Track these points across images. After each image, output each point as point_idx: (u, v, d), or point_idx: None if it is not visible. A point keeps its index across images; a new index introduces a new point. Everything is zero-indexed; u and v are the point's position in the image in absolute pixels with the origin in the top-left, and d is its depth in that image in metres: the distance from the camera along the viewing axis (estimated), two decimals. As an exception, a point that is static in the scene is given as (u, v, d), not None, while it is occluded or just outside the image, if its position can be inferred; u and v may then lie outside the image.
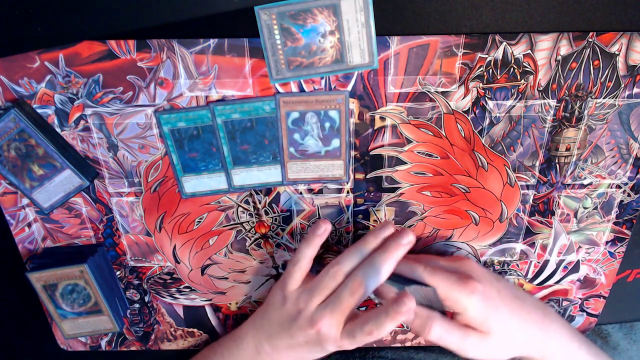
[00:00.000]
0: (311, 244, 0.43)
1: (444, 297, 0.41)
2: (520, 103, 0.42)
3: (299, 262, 0.43)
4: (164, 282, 0.52)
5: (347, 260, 0.42)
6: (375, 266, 0.40)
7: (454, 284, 0.41)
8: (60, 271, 0.47)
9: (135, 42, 0.39)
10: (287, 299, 0.43)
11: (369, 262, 0.41)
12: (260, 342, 0.45)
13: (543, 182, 0.46)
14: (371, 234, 0.42)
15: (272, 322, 0.44)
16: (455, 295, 0.41)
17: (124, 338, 0.56)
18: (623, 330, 0.58)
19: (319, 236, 0.43)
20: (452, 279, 0.42)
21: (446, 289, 0.41)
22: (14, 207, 0.47)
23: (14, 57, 0.39)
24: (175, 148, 0.43)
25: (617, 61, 0.40)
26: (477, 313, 0.42)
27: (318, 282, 0.42)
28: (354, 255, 0.42)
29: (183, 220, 0.48)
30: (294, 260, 0.44)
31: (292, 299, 0.43)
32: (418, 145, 0.44)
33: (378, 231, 0.42)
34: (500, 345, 0.43)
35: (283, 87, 0.41)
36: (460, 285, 0.41)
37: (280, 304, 0.44)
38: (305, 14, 0.37)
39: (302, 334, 0.42)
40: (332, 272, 0.41)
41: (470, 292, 0.41)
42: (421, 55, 0.40)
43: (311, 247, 0.43)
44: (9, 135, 0.41)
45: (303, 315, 0.42)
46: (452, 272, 0.43)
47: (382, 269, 0.40)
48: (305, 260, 0.43)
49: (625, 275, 0.53)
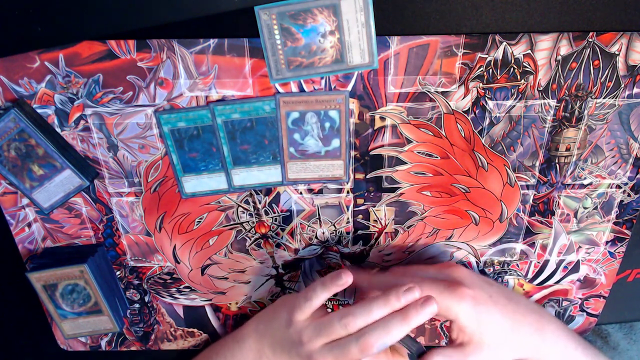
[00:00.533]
0: (327, 289, 0.42)
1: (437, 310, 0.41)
2: (520, 103, 0.42)
3: (310, 300, 0.42)
4: (164, 282, 0.52)
5: (363, 315, 0.40)
6: (391, 332, 0.39)
7: (443, 292, 0.41)
8: (60, 271, 0.47)
9: (135, 42, 0.39)
10: (293, 325, 0.43)
11: (385, 325, 0.39)
12: (262, 346, 0.45)
13: (543, 182, 0.46)
14: (394, 294, 0.40)
15: (275, 336, 0.44)
16: (446, 302, 0.41)
17: (124, 338, 0.56)
18: (623, 330, 0.58)
19: (339, 286, 0.42)
20: (440, 287, 0.41)
21: (436, 297, 0.40)
22: (14, 207, 0.47)
23: (14, 57, 0.39)
24: (175, 148, 0.43)
25: (617, 61, 0.40)
26: (468, 318, 0.41)
27: (327, 323, 0.41)
28: (372, 312, 0.40)
29: (183, 220, 0.48)
30: (306, 296, 0.43)
31: (297, 328, 0.42)
32: (418, 145, 0.44)
33: (402, 294, 0.40)
34: (498, 353, 0.43)
35: (283, 87, 0.41)
36: (450, 293, 0.41)
37: (285, 325, 0.43)
38: (305, 14, 0.37)
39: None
40: (344, 322, 0.40)
41: (460, 299, 0.41)
42: (421, 55, 0.40)
43: (327, 291, 0.42)
44: (9, 135, 0.41)
45: (305, 348, 0.41)
46: (441, 280, 0.42)
47: (397, 335, 0.39)
48: (318, 300, 0.42)
49: (625, 275, 0.53)
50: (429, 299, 0.40)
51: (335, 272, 0.42)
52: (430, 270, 0.45)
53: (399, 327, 0.39)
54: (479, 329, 0.42)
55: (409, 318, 0.39)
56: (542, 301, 0.54)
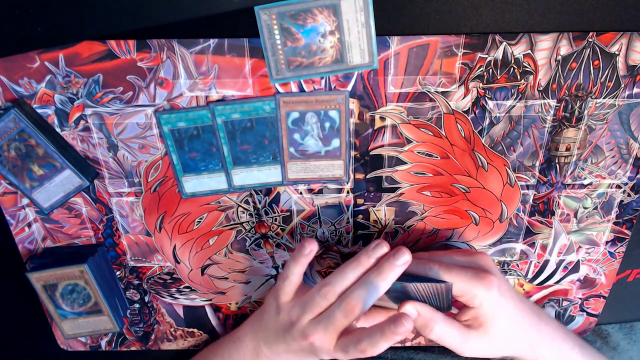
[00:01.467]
0: (299, 263, 0.43)
1: (461, 293, 0.41)
2: (520, 103, 0.42)
3: (287, 278, 0.43)
4: (164, 282, 0.52)
5: (339, 280, 0.41)
6: (370, 288, 0.40)
7: (471, 280, 0.41)
8: (60, 271, 0.47)
9: (135, 42, 0.39)
10: (281, 309, 0.44)
11: (363, 283, 0.40)
12: (259, 345, 0.46)
13: (543, 182, 0.46)
14: (364, 253, 0.41)
15: (268, 328, 0.45)
16: (473, 290, 0.41)
17: (124, 338, 0.56)
18: (623, 331, 0.58)
19: (306, 256, 0.42)
20: (469, 274, 0.41)
21: (463, 285, 0.41)
22: (14, 207, 0.47)
23: (14, 57, 0.39)
24: (175, 148, 0.43)
25: (617, 61, 0.40)
26: (490, 308, 0.41)
27: (309, 299, 0.42)
28: (347, 275, 0.41)
29: (183, 220, 0.48)
30: (283, 276, 0.44)
31: (285, 311, 0.43)
32: (418, 145, 0.44)
33: (371, 251, 0.41)
34: (497, 344, 0.43)
35: (283, 87, 0.41)
36: (479, 281, 0.41)
37: (275, 313, 0.44)
38: (305, 14, 0.37)
39: (296, 344, 0.42)
40: (323, 292, 0.41)
41: (488, 287, 0.41)
42: (421, 55, 0.40)
43: (299, 265, 0.43)
44: (9, 135, 0.41)
45: (296, 327, 0.42)
46: (468, 267, 0.42)
47: (378, 290, 0.40)
48: (294, 276, 0.43)
49: (625, 275, 0.53)
50: (399, 250, 0.40)
51: (299, 245, 0.43)
52: (457, 256, 0.44)
53: (375, 283, 0.40)
54: (494, 318, 0.42)
55: (383, 271, 0.40)
56: (542, 301, 0.54)
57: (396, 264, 0.40)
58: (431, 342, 0.56)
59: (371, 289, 0.40)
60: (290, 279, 0.43)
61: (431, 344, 0.57)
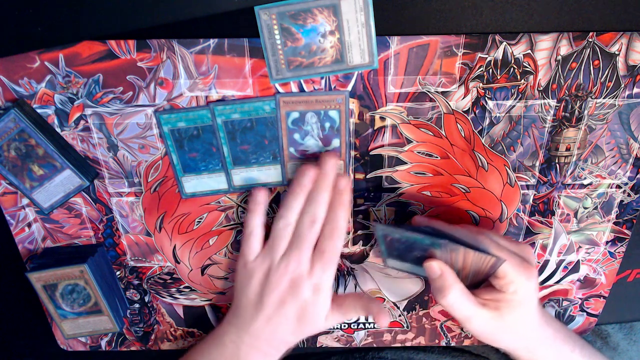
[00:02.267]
0: (256, 213, 0.43)
1: (504, 274, 0.40)
2: (520, 103, 0.42)
3: (252, 232, 0.43)
4: (164, 282, 0.52)
5: (289, 211, 0.41)
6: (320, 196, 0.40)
7: (519, 266, 0.41)
8: (60, 271, 0.47)
9: (135, 42, 0.39)
10: (252, 270, 0.42)
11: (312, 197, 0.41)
12: (238, 337, 0.43)
13: (543, 182, 0.46)
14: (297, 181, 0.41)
15: (244, 307, 0.43)
16: (516, 276, 0.41)
17: (124, 338, 0.56)
18: (623, 331, 0.58)
19: (260, 203, 0.43)
20: (517, 260, 0.41)
21: (509, 268, 0.40)
22: (14, 207, 0.47)
23: (14, 57, 0.39)
24: (175, 148, 0.43)
25: (617, 61, 0.40)
26: (521, 298, 0.42)
27: (272, 239, 0.42)
28: (294, 205, 0.41)
29: (183, 220, 0.48)
30: (246, 233, 0.43)
31: (255, 268, 0.42)
32: (418, 145, 0.44)
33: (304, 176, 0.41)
34: (506, 329, 0.43)
35: (283, 87, 0.41)
36: (524, 269, 0.41)
37: (247, 280, 0.42)
38: (305, 14, 0.37)
39: (275, 294, 0.41)
40: (281, 226, 0.41)
41: (528, 277, 0.41)
42: (421, 55, 0.40)
43: (257, 215, 0.43)
44: (9, 135, 0.41)
45: (271, 272, 0.41)
46: (515, 254, 0.42)
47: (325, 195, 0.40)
48: (258, 228, 0.43)
49: (625, 275, 0.53)
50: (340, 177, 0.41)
51: (249, 196, 0.44)
52: (505, 241, 0.43)
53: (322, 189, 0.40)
54: (517, 308, 0.42)
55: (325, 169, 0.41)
56: (542, 301, 0.54)
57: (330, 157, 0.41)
58: (431, 342, 0.56)
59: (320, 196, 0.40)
60: (255, 232, 0.43)
61: (431, 343, 0.57)
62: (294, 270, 0.40)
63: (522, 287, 0.41)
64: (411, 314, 0.54)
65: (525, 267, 0.41)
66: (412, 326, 0.55)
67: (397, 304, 0.53)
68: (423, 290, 0.52)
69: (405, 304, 0.53)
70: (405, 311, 0.54)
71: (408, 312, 0.54)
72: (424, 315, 0.54)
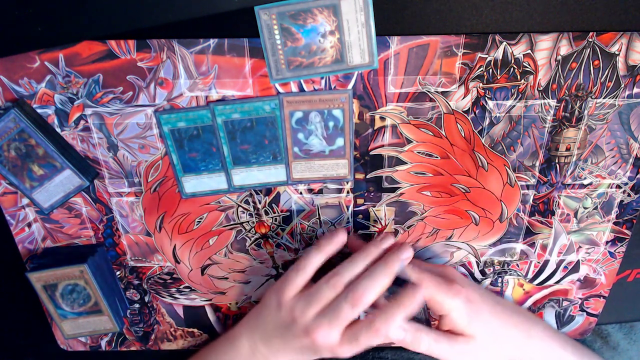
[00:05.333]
0: (323, 251, 0.42)
1: (429, 297, 0.42)
2: (520, 103, 0.42)
3: (303, 269, 0.42)
4: (164, 282, 0.52)
5: (347, 271, 0.41)
6: (376, 279, 0.40)
7: (439, 286, 0.42)
8: (60, 271, 0.47)
9: (135, 42, 0.39)
10: (283, 305, 0.43)
11: (370, 274, 0.41)
12: (255, 343, 0.45)
13: (543, 182, 0.46)
14: (372, 244, 0.43)
15: (267, 324, 0.44)
16: (441, 297, 0.42)
17: (124, 338, 0.56)
18: (623, 330, 0.58)
19: (334, 244, 0.42)
20: (437, 280, 0.43)
21: (432, 290, 0.42)
22: (14, 207, 0.47)
23: (14, 57, 0.39)
24: (175, 148, 0.43)
25: (617, 61, 0.40)
26: (460, 315, 0.43)
27: (316, 291, 0.41)
28: (355, 266, 0.41)
29: (183, 220, 0.48)
30: (298, 267, 0.43)
31: (287, 307, 0.42)
32: (418, 145, 0.44)
33: (379, 242, 0.43)
34: (485, 349, 0.44)
35: (283, 87, 0.41)
36: (445, 288, 0.42)
37: (276, 309, 0.43)
38: (305, 14, 0.37)
39: (297, 341, 0.41)
40: (332, 283, 0.41)
41: (454, 295, 0.42)
42: (421, 55, 0.40)
43: (321, 254, 0.42)
44: (9, 135, 0.41)
45: (298, 324, 0.41)
46: (438, 275, 0.44)
47: (384, 282, 0.40)
48: (311, 267, 0.43)
49: (625, 275, 0.53)
50: (404, 246, 0.43)
51: (329, 232, 0.44)
52: (424, 265, 0.46)
53: (382, 273, 0.41)
54: (470, 325, 0.43)
55: (390, 263, 0.41)
56: (542, 301, 0.54)
57: (401, 258, 0.41)
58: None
59: (377, 279, 0.40)
60: (305, 271, 0.42)
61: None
62: (319, 339, 0.40)
63: (452, 305, 0.42)
64: (411, 314, 0.54)
65: (446, 286, 0.42)
66: (412, 326, 0.55)
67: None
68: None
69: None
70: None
71: (408, 312, 0.54)
72: (424, 315, 0.54)
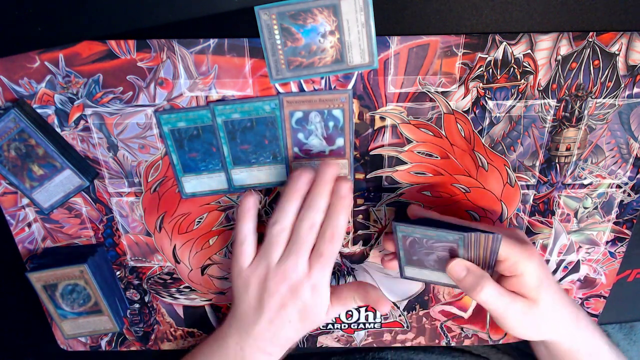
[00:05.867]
0: (247, 220, 0.42)
1: (505, 257, 0.40)
2: (520, 103, 0.42)
3: (245, 239, 0.42)
4: (164, 282, 0.52)
5: (284, 216, 0.40)
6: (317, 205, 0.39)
7: (515, 245, 0.40)
8: (60, 271, 0.47)
9: (135, 42, 0.39)
10: (249, 277, 0.41)
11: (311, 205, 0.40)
12: (241, 339, 0.43)
13: (543, 182, 0.46)
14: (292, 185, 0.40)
15: (244, 312, 0.42)
16: (516, 256, 0.40)
17: (124, 338, 0.56)
18: (623, 331, 0.58)
19: (250, 209, 0.42)
20: (512, 241, 0.40)
21: (507, 248, 0.40)
22: (14, 207, 0.47)
23: (14, 57, 0.39)
24: (175, 148, 0.43)
25: (617, 61, 0.40)
26: (533, 278, 0.41)
27: (268, 245, 0.41)
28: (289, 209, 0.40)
29: (183, 220, 0.48)
30: (239, 240, 0.42)
31: (252, 275, 0.41)
32: (418, 145, 0.44)
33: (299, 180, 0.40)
34: (544, 317, 0.42)
35: (283, 87, 0.41)
36: (522, 248, 0.40)
37: (244, 288, 0.42)
38: (305, 14, 0.37)
39: (276, 299, 0.40)
40: (277, 231, 0.40)
41: (530, 256, 0.40)
42: (421, 55, 0.40)
43: (248, 221, 0.42)
44: (9, 135, 0.41)
45: (269, 277, 0.40)
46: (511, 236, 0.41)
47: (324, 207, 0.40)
48: (250, 235, 0.42)
49: (625, 275, 0.53)
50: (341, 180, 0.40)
51: (240, 201, 0.43)
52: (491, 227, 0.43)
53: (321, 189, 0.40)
54: (538, 289, 0.41)
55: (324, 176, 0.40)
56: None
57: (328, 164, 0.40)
58: (431, 342, 0.56)
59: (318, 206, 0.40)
60: (247, 240, 0.42)
61: (432, 344, 0.57)
62: (292, 275, 0.40)
63: (527, 266, 0.40)
64: (411, 314, 0.54)
65: (523, 246, 0.40)
66: (412, 326, 0.55)
67: (397, 303, 0.53)
68: (423, 290, 0.53)
69: (406, 303, 0.53)
70: (406, 311, 0.54)
71: (408, 312, 0.54)
72: (424, 315, 0.54)
